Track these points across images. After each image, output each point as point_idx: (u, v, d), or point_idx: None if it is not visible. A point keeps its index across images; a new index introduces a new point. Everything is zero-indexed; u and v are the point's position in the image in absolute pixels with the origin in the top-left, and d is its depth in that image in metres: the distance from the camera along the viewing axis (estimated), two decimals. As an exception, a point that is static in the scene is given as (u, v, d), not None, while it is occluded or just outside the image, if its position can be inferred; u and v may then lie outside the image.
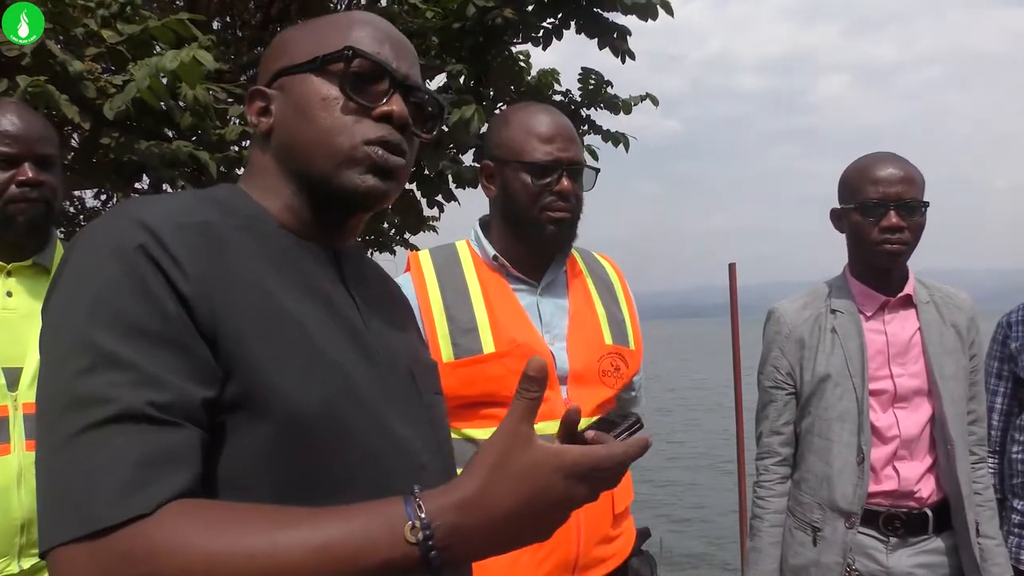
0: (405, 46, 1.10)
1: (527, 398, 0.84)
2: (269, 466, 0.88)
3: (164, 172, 3.55)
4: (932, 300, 2.23)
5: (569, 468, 0.82)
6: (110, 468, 0.77)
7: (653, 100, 5.93)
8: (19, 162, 1.86)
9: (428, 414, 1.10)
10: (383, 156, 1.03)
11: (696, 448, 15.01)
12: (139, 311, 0.83)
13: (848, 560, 2.12)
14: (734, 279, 4.88)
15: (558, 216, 1.83)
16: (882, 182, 2.13)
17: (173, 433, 0.81)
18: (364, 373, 0.99)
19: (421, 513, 0.79)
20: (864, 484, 2.11)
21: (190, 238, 0.89)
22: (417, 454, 1.02)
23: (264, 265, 0.96)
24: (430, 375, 1.18)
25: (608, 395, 1.87)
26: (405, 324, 1.20)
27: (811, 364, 2.22)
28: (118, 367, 0.80)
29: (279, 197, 1.05)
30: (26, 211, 1.87)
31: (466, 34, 5.32)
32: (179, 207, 0.93)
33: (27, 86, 2.95)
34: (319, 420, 0.90)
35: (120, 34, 3.37)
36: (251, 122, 1.09)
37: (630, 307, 2.02)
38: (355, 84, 1.03)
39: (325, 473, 0.91)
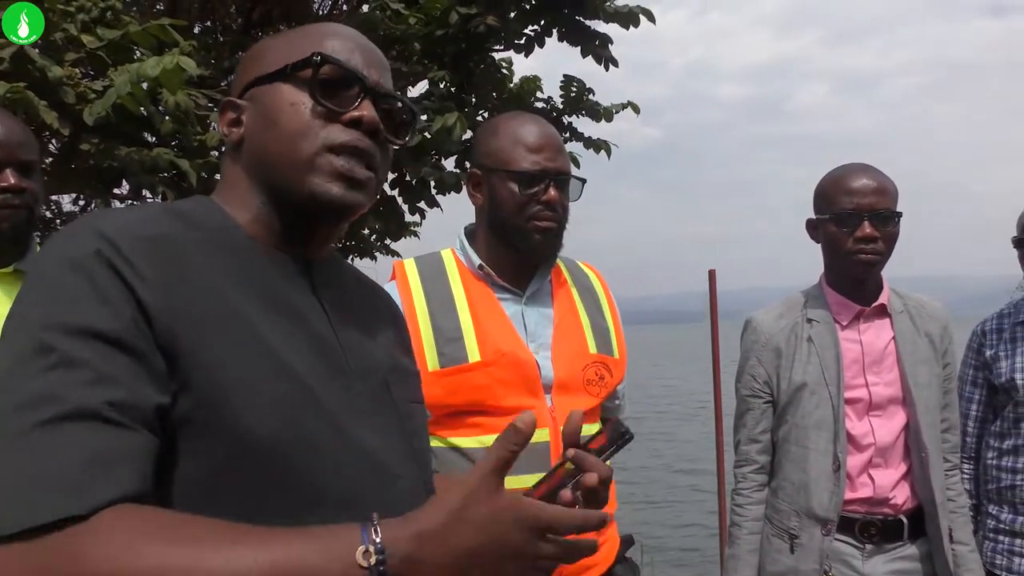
0: (376, 55, 1.10)
1: (508, 450, 0.84)
2: (230, 480, 0.87)
3: (144, 178, 3.52)
4: (906, 309, 2.27)
5: (527, 521, 0.82)
6: (53, 468, 0.76)
7: (634, 108, 5.96)
8: (1, 168, 1.84)
9: (403, 424, 1.09)
10: (347, 167, 1.02)
11: (675, 454, 15.05)
12: (95, 314, 0.83)
13: (825, 567, 2.15)
14: (714, 285, 4.91)
15: (544, 225, 1.84)
16: (856, 193, 2.16)
17: (125, 434, 0.80)
18: (329, 384, 0.98)
19: (376, 538, 0.79)
20: (840, 491, 2.14)
21: (147, 249, 0.89)
22: (388, 465, 1.01)
23: (226, 278, 0.95)
24: (409, 383, 1.17)
25: (592, 404, 1.89)
26: (384, 332, 1.19)
27: (788, 373, 2.25)
28: (72, 367, 0.80)
29: (249, 208, 1.05)
30: (9, 218, 1.86)
31: (449, 41, 5.33)
32: (139, 219, 0.93)
33: (5, 92, 2.92)
34: (277, 432, 0.90)
35: (100, 39, 3.35)
36: (223, 133, 1.09)
37: (614, 316, 2.04)
38: (324, 90, 1.03)
39: (291, 485, 0.90)
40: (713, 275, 4.90)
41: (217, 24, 6.05)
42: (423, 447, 1.16)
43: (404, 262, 1.95)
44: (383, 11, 5.36)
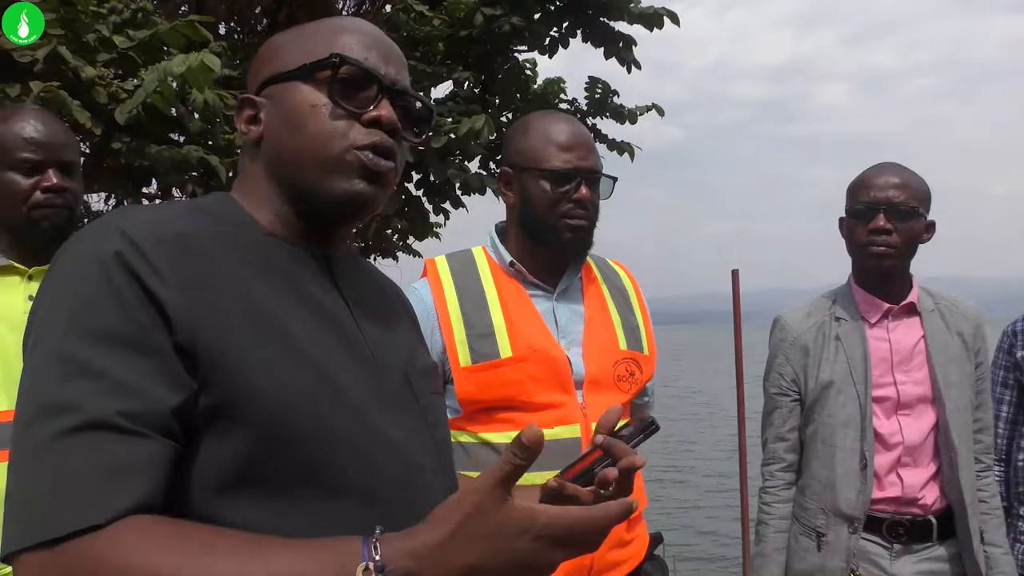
0: (392, 51, 1.10)
1: (513, 463, 0.80)
2: (255, 470, 0.88)
3: (174, 176, 3.57)
4: (937, 308, 2.26)
5: (539, 531, 0.80)
6: (70, 477, 0.78)
7: (659, 110, 5.96)
8: (43, 168, 1.87)
9: (425, 416, 1.10)
10: (373, 160, 1.03)
11: (698, 455, 15.00)
12: (113, 319, 0.84)
13: (852, 566, 2.14)
14: (737, 286, 4.87)
15: (575, 223, 1.86)
16: (875, 187, 2.17)
17: (139, 444, 0.81)
18: (354, 376, 1.00)
19: (376, 555, 0.78)
20: (867, 490, 2.14)
21: (170, 247, 0.90)
22: (412, 455, 1.02)
23: (248, 272, 0.96)
24: (428, 377, 1.18)
25: (623, 400, 1.89)
26: (402, 327, 1.20)
27: (815, 371, 2.24)
28: (90, 376, 0.82)
29: (269, 205, 1.06)
30: (50, 217, 1.89)
31: (473, 42, 5.34)
32: (162, 217, 0.95)
33: (40, 91, 2.97)
34: (303, 423, 0.91)
35: (131, 39, 3.39)
36: (241, 130, 1.10)
37: (644, 313, 2.04)
38: (343, 91, 1.04)
39: (315, 477, 0.91)
40: (736, 275, 4.86)
41: (243, 26, 6.10)
42: (444, 438, 1.17)
43: (436, 259, 1.97)
44: (407, 12, 5.39)
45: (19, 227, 1.89)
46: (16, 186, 1.86)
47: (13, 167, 1.86)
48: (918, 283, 2.28)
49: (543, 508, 0.81)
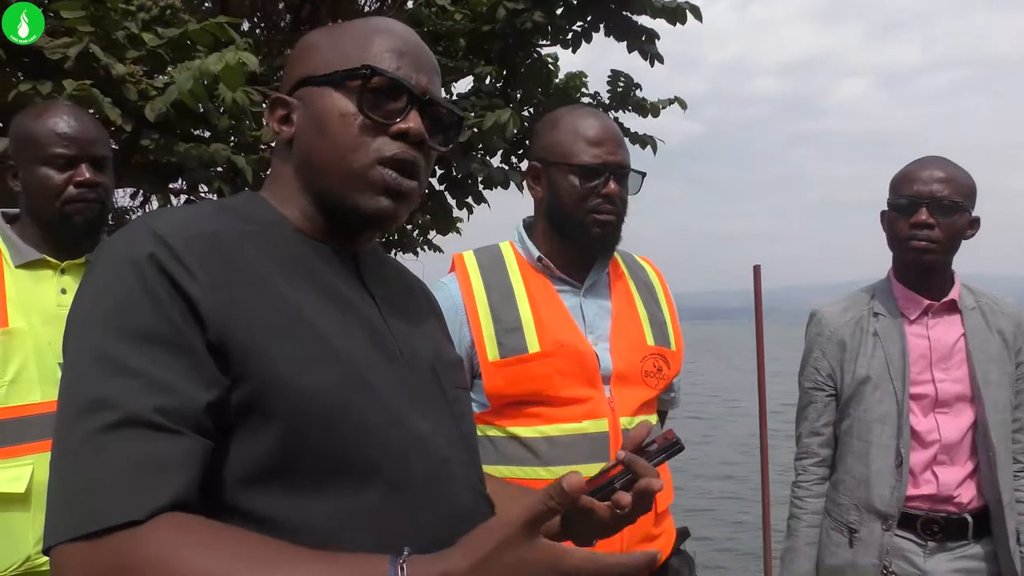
0: (425, 57, 1.11)
1: (548, 506, 0.81)
2: (286, 464, 0.90)
3: (201, 173, 3.60)
4: (978, 306, 2.24)
5: (566, 571, 0.79)
6: (110, 472, 0.80)
7: (681, 104, 5.94)
8: (76, 163, 1.90)
9: (451, 409, 1.12)
10: (396, 180, 1.04)
11: (719, 451, 14.93)
12: (149, 319, 0.87)
13: (885, 562, 2.13)
14: (758, 281, 4.84)
15: (604, 218, 1.85)
16: (918, 181, 2.15)
17: (175, 440, 0.83)
18: (382, 370, 1.01)
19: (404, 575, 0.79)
20: (902, 487, 2.12)
21: (201, 247, 0.92)
22: (438, 448, 1.03)
23: (277, 269, 0.98)
24: (453, 370, 1.19)
25: (650, 395, 1.89)
26: (427, 321, 1.22)
27: (851, 366, 2.23)
28: (128, 374, 0.84)
29: (297, 204, 1.08)
30: (83, 211, 1.92)
31: (495, 36, 5.34)
32: (191, 217, 0.97)
33: (72, 89, 3.01)
34: (333, 417, 0.92)
35: (160, 37, 3.43)
36: (273, 129, 1.11)
37: (671, 309, 2.04)
38: (373, 101, 1.04)
39: (343, 469, 0.93)
40: (758, 271, 4.83)
41: (267, 23, 6.13)
42: (470, 431, 1.18)
43: (463, 254, 1.97)
44: (429, 7, 5.40)
45: (52, 221, 1.92)
46: (50, 181, 1.89)
47: (46, 162, 1.89)
48: (960, 280, 2.26)
49: (573, 550, 0.81)
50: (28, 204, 1.93)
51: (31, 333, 1.84)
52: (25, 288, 1.89)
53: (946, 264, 2.21)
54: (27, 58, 3.34)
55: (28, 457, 1.78)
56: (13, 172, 1.93)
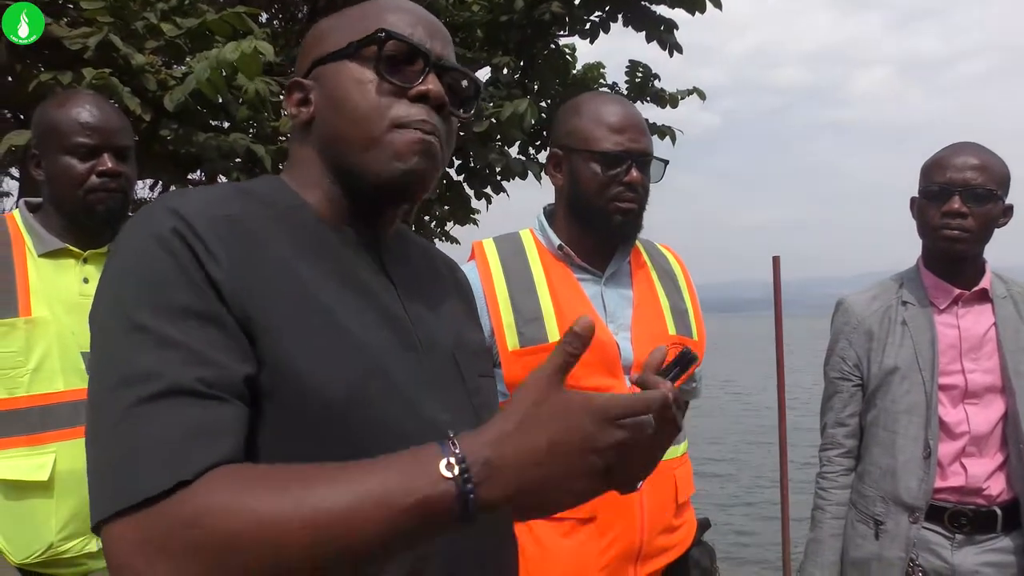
0: (438, 27, 1.09)
1: (568, 351, 0.84)
2: (300, 453, 0.88)
3: (219, 164, 3.61)
4: (1010, 295, 2.20)
5: (598, 410, 0.82)
6: (156, 441, 0.79)
7: (700, 94, 5.90)
8: (99, 153, 1.90)
9: (472, 399, 1.10)
10: (419, 138, 1.02)
11: (735, 445, 14.90)
12: (183, 291, 0.86)
13: (911, 555, 2.10)
14: (778, 273, 4.80)
15: (625, 207, 1.83)
16: (951, 168, 2.11)
17: (218, 407, 0.83)
18: (400, 359, 1.00)
19: (456, 450, 0.80)
20: (930, 479, 2.09)
21: (221, 229, 0.91)
22: None
23: (297, 254, 0.97)
24: (477, 358, 1.17)
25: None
26: (452, 306, 1.19)
27: (879, 356, 2.20)
28: (167, 346, 0.83)
29: (318, 188, 1.06)
30: (105, 201, 1.92)
31: (512, 27, 5.33)
32: (213, 199, 0.95)
33: (91, 78, 3.02)
34: (349, 406, 0.91)
35: (179, 27, 3.43)
36: (291, 113, 1.10)
37: (692, 298, 2.02)
38: (389, 66, 1.03)
39: (358, 459, 0.89)
40: (777, 262, 4.79)
41: (284, 14, 6.14)
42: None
43: (483, 242, 1.96)
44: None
45: (75, 211, 1.92)
46: (73, 170, 1.89)
47: (69, 151, 1.89)
48: (990, 268, 2.22)
49: (597, 394, 0.84)
50: (51, 193, 1.93)
51: (54, 322, 1.84)
52: (48, 277, 1.89)
53: (978, 253, 2.17)
54: (48, 49, 3.36)
55: (51, 445, 1.78)
56: (36, 161, 1.93)
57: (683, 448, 1.91)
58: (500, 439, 0.81)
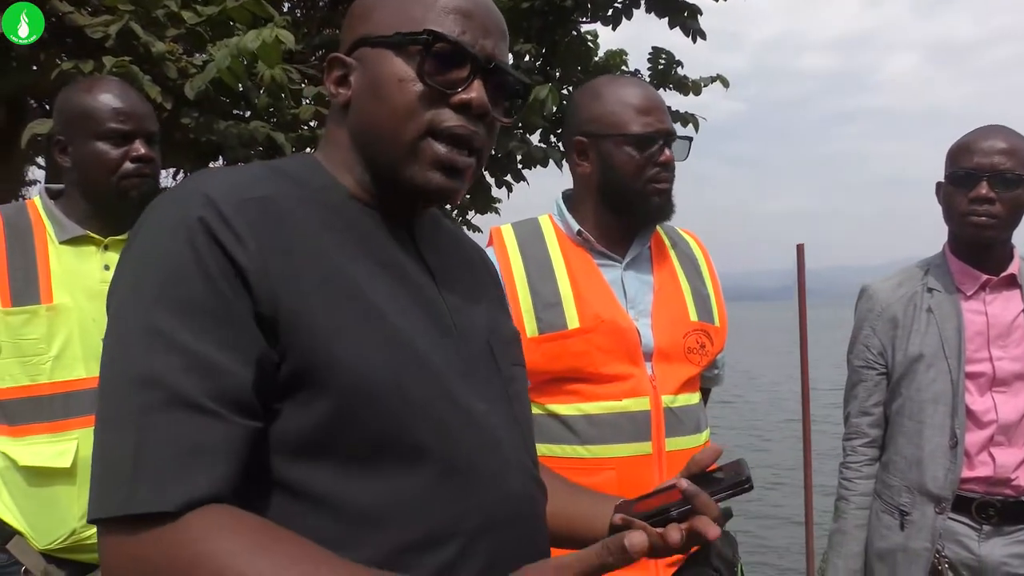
0: (493, 18, 1.04)
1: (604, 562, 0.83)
2: (334, 438, 0.88)
3: (240, 152, 3.62)
4: None
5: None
6: (151, 456, 0.79)
7: (723, 81, 5.85)
8: (132, 139, 1.90)
9: (506, 388, 1.07)
10: (449, 155, 0.99)
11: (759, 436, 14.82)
12: (199, 290, 0.84)
13: (937, 546, 2.07)
14: (802, 261, 4.74)
15: (662, 187, 1.82)
16: (978, 152, 2.06)
17: (218, 425, 0.82)
18: (435, 345, 0.98)
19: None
20: (957, 469, 2.06)
21: (252, 212, 0.89)
22: (492, 428, 1.00)
23: (330, 236, 0.95)
24: (510, 346, 1.15)
25: (693, 372, 1.85)
26: (485, 294, 1.16)
27: (904, 344, 2.16)
28: (175, 351, 0.82)
29: (352, 171, 1.04)
30: (139, 186, 1.92)
31: (534, 14, 5.30)
32: (244, 181, 0.94)
33: (112, 66, 3.03)
34: (382, 391, 0.90)
35: (199, 15, 3.44)
36: (330, 91, 1.07)
37: (714, 283, 1.99)
38: (434, 67, 0.99)
39: (392, 445, 0.91)
40: (801, 250, 4.73)
41: (305, 0, 6.13)
42: (524, 410, 1.13)
43: (502, 228, 1.94)
44: (468, -16, 5.35)
45: (108, 196, 1.91)
46: (106, 156, 1.89)
47: (102, 137, 1.88)
48: (1018, 253, 2.17)
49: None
50: (80, 179, 1.92)
51: (75, 309, 1.85)
52: (69, 264, 1.89)
53: (1006, 239, 2.13)
54: (70, 38, 3.38)
55: (73, 432, 1.79)
56: (62, 147, 1.92)
57: (705, 436, 1.89)
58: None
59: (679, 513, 0.97)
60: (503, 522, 0.94)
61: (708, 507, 0.97)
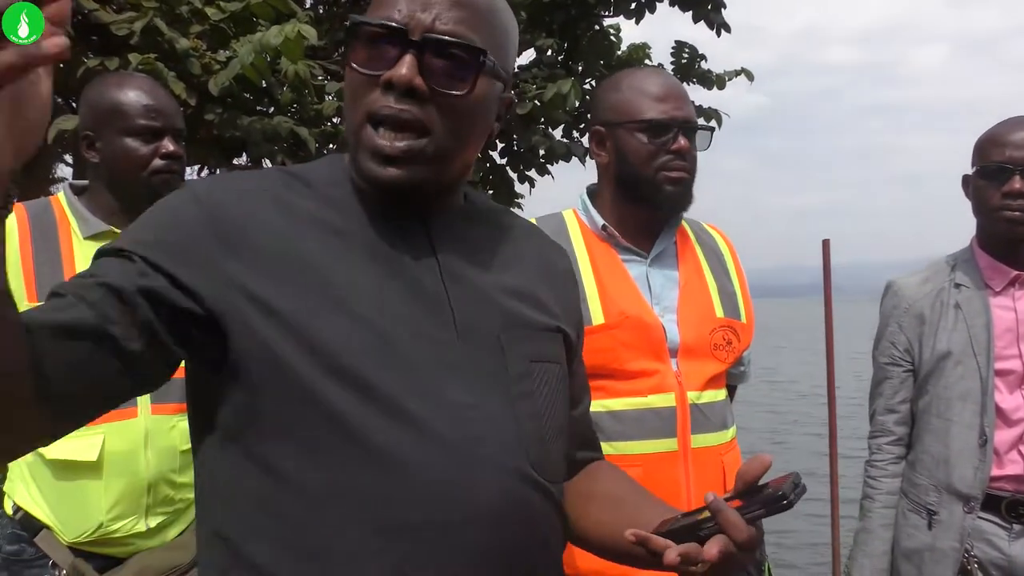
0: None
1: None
2: (286, 424, 0.91)
3: (264, 147, 3.64)
4: None
5: None
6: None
7: (748, 75, 5.80)
8: (162, 135, 1.91)
9: (514, 385, 1.02)
10: (378, 143, 0.96)
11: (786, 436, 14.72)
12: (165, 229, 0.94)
13: (967, 546, 2.04)
14: (827, 257, 4.68)
15: (675, 176, 1.79)
16: (1011, 145, 2.02)
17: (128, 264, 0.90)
18: (416, 334, 0.96)
19: None
20: (986, 467, 2.03)
21: (231, 201, 0.97)
22: (471, 422, 0.96)
23: (313, 229, 0.97)
24: (534, 343, 1.08)
25: (719, 370, 1.84)
26: (516, 286, 1.10)
27: (931, 341, 2.13)
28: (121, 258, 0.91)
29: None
30: (169, 183, 1.92)
31: (556, 8, 5.28)
32: (240, 176, 1.01)
33: (138, 63, 3.05)
34: (339, 384, 0.91)
35: (223, 11, 3.46)
36: None
37: (741, 279, 1.97)
38: (364, 52, 0.98)
39: (353, 435, 0.91)
40: (827, 246, 4.68)
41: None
42: (539, 409, 1.05)
43: None
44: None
45: (136, 192, 1.92)
46: (136, 152, 1.89)
47: (133, 133, 1.89)
48: None
49: None
50: (108, 175, 1.92)
51: None
52: None
53: None
54: (95, 35, 3.40)
55: (100, 426, 1.80)
56: (90, 142, 1.93)
57: (731, 433, 1.87)
58: None
59: (708, 532, 0.90)
60: (464, 520, 0.92)
61: (730, 526, 0.90)
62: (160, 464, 1.84)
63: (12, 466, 1.88)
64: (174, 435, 1.84)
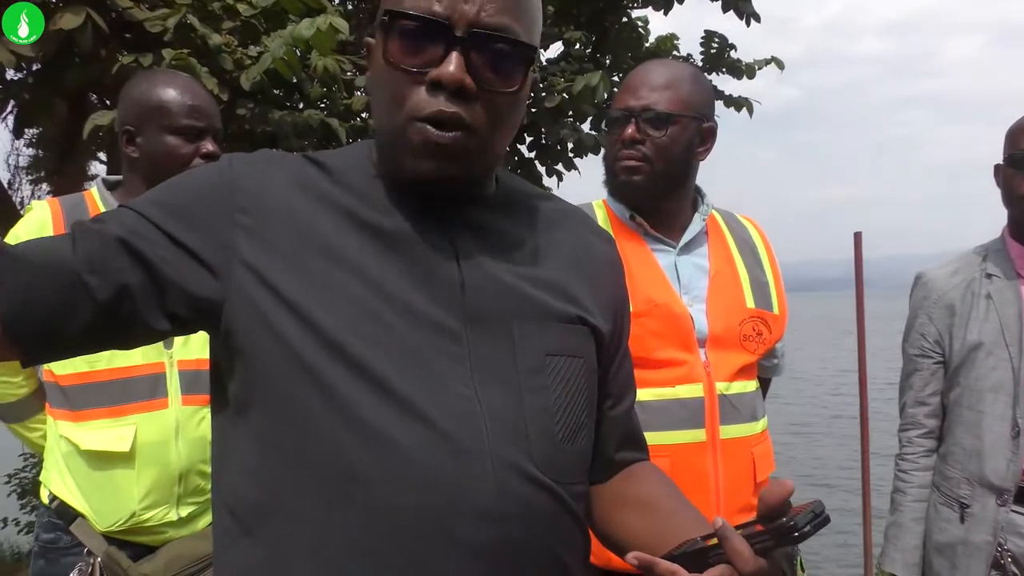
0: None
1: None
2: (288, 391, 0.92)
3: (295, 141, 3.66)
4: None
5: None
6: None
7: (778, 64, 5.73)
8: (203, 135, 1.94)
9: (524, 377, 0.98)
10: (428, 140, 0.93)
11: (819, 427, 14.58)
12: (176, 192, 0.99)
13: (1000, 539, 2.02)
14: (859, 250, 4.63)
15: (626, 165, 1.81)
16: None
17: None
18: (415, 321, 0.95)
19: None
20: (1019, 460, 2.00)
21: (250, 172, 1.00)
22: (469, 415, 0.93)
23: (325, 211, 0.98)
24: (549, 333, 1.02)
25: (749, 361, 1.83)
26: (544, 277, 1.05)
27: (961, 332, 2.11)
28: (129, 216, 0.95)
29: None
30: None
31: (584, 1, 5.26)
32: (262, 153, 1.05)
33: (171, 59, 3.08)
34: (327, 359, 0.91)
35: (254, 7, 3.48)
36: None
37: (774, 270, 1.96)
38: (404, 47, 0.94)
39: (345, 409, 0.91)
40: (859, 238, 4.62)
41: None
42: (551, 405, 1.00)
43: None
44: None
45: None
46: (178, 151, 1.92)
47: (176, 132, 1.91)
48: None
49: None
50: (148, 170, 1.93)
51: None
52: None
53: None
54: (128, 33, 3.44)
55: (131, 417, 1.84)
56: (130, 136, 1.95)
57: (762, 425, 1.86)
58: None
59: (716, 558, 0.87)
60: (452, 510, 0.90)
61: (736, 556, 0.86)
62: (191, 454, 1.87)
63: (48, 457, 1.92)
64: (204, 426, 1.87)
